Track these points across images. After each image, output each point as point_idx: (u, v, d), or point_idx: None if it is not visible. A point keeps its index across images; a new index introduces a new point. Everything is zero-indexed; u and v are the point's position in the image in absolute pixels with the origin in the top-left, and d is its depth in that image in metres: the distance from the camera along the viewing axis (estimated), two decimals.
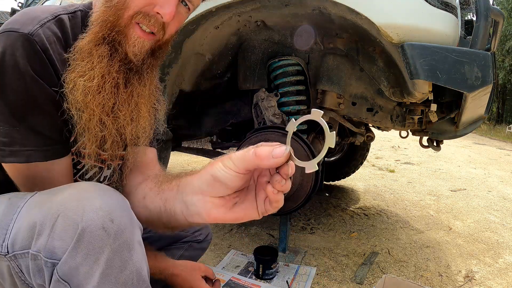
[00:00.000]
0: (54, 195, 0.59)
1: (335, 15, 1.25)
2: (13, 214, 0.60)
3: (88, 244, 0.54)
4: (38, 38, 0.60)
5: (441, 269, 1.62)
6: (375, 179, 3.46)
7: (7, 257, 0.58)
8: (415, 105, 1.51)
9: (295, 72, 1.54)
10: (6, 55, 0.59)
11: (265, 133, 1.35)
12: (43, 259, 0.55)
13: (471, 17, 1.56)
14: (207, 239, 1.23)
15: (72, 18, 0.68)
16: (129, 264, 0.57)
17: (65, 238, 0.54)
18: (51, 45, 0.62)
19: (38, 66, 0.60)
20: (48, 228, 0.55)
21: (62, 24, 0.65)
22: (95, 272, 0.54)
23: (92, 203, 0.56)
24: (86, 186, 0.61)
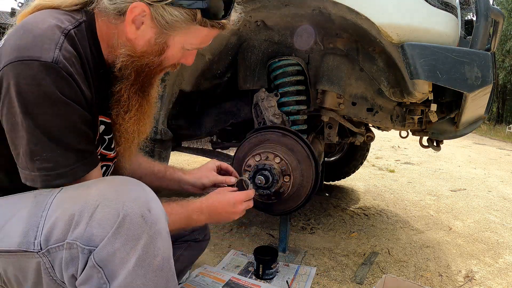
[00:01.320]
0: (88, 188, 0.64)
1: (335, 15, 1.25)
2: (42, 212, 0.62)
3: (128, 230, 0.59)
4: (62, 64, 0.62)
5: (441, 269, 1.62)
6: (375, 179, 3.46)
7: (39, 253, 0.61)
8: (415, 105, 1.51)
9: (295, 72, 1.54)
10: (33, 86, 0.60)
11: (265, 133, 1.35)
12: (80, 246, 0.58)
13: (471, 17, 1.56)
14: (206, 239, 1.23)
15: (78, 32, 0.69)
16: (161, 252, 0.62)
17: (104, 226, 0.58)
18: (73, 67, 0.64)
19: (67, 90, 0.63)
20: (86, 218, 0.59)
21: (74, 42, 0.67)
22: (132, 258, 0.58)
23: (131, 194, 0.62)
24: (120, 180, 0.66)
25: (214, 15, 0.72)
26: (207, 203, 0.92)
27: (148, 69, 0.77)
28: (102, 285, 0.59)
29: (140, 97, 0.80)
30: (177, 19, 0.69)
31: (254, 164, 1.29)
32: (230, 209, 0.94)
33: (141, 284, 0.59)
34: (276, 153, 1.29)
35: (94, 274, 0.58)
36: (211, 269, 1.44)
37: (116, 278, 0.58)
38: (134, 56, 0.74)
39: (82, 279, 0.60)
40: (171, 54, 0.77)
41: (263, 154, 1.30)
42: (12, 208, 0.67)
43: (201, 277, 1.36)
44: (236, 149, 1.41)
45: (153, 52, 0.74)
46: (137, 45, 0.73)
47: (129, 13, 0.68)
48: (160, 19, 0.69)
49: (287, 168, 1.28)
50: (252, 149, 1.35)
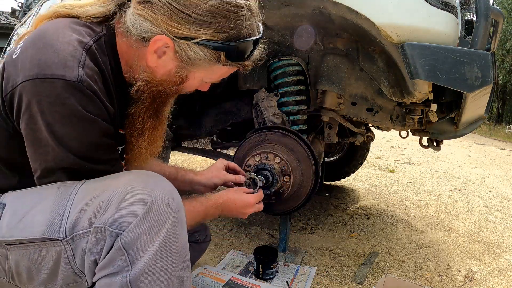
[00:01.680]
0: (115, 179, 0.67)
1: (335, 15, 1.25)
2: (66, 201, 0.65)
3: (155, 215, 0.62)
4: (86, 83, 0.63)
5: (441, 269, 1.62)
6: (375, 179, 3.46)
7: (63, 241, 0.63)
8: (415, 105, 1.51)
9: (295, 72, 1.54)
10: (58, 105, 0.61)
11: (265, 133, 1.35)
12: (108, 229, 0.61)
13: (471, 17, 1.56)
14: (206, 240, 1.24)
15: (98, 46, 0.70)
16: (180, 238, 0.67)
17: (133, 211, 0.61)
18: (96, 84, 0.66)
19: (91, 107, 0.65)
20: (116, 204, 0.62)
21: (95, 58, 0.68)
22: (156, 241, 0.62)
23: (157, 184, 0.66)
24: (145, 172, 0.70)
25: (238, 57, 0.72)
26: (223, 200, 0.99)
27: (165, 96, 0.79)
28: (124, 268, 0.61)
29: (154, 120, 0.82)
30: (200, 58, 0.70)
31: (254, 164, 1.29)
32: (242, 210, 1.03)
33: (161, 267, 0.62)
34: (276, 153, 1.29)
35: (117, 257, 0.60)
36: (211, 269, 1.44)
37: (139, 261, 0.61)
38: (152, 83, 0.75)
39: (105, 262, 0.61)
40: (189, 85, 0.79)
41: (263, 154, 1.30)
42: (32, 200, 0.68)
43: (201, 277, 1.36)
44: (236, 149, 1.41)
45: (172, 82, 0.76)
46: (157, 73, 0.74)
47: (152, 44, 0.69)
48: (183, 54, 0.70)
49: (287, 168, 1.28)
50: (252, 149, 1.35)
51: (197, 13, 0.65)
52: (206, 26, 0.67)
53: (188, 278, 0.69)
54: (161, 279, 0.62)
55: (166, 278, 0.63)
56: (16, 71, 0.64)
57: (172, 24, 0.66)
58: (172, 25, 0.66)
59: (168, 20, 0.66)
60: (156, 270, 0.62)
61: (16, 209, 0.68)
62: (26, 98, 0.62)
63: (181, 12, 0.66)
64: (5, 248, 0.68)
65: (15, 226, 0.66)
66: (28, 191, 0.72)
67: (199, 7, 0.65)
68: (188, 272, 0.70)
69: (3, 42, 4.40)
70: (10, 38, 4.00)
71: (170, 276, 0.64)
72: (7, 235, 0.66)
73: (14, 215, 0.68)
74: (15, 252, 0.67)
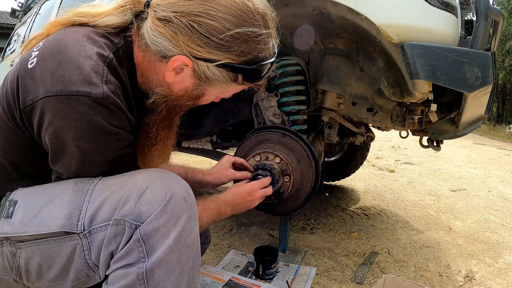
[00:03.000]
0: (134, 175, 0.69)
1: (335, 15, 1.25)
2: (84, 196, 0.67)
3: (173, 209, 0.65)
4: (111, 99, 0.65)
5: (441, 269, 1.62)
6: (375, 179, 3.46)
7: (81, 235, 0.64)
8: (415, 105, 1.51)
9: (295, 72, 1.54)
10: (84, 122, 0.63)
11: (265, 133, 1.35)
12: (128, 221, 0.63)
13: (471, 17, 1.56)
14: (207, 241, 1.24)
15: (116, 58, 0.70)
16: (194, 231, 0.70)
17: (152, 204, 0.64)
18: (119, 98, 0.67)
19: (116, 121, 0.67)
20: (135, 197, 0.64)
21: (116, 71, 0.69)
22: (172, 234, 0.64)
23: (174, 180, 0.69)
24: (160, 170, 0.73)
25: (255, 79, 0.75)
26: (229, 197, 1.02)
27: (180, 109, 0.82)
28: (140, 259, 0.62)
29: (168, 130, 0.85)
30: (218, 79, 0.72)
31: (254, 164, 1.29)
32: (248, 198, 1.05)
33: (175, 259, 0.65)
34: (276, 153, 1.29)
35: (135, 248, 0.62)
36: (211, 269, 1.44)
37: (155, 252, 0.62)
38: (169, 98, 0.77)
39: (121, 254, 0.63)
40: (205, 100, 0.82)
41: (263, 154, 1.30)
42: (47, 196, 0.69)
43: (201, 277, 1.36)
44: (236, 149, 1.41)
45: (189, 97, 0.78)
46: (174, 89, 0.76)
47: (172, 63, 0.70)
48: (201, 74, 0.71)
49: (287, 168, 1.28)
50: (252, 149, 1.35)
51: (220, 38, 0.66)
52: (227, 50, 0.68)
53: (198, 271, 0.72)
54: (175, 270, 0.65)
55: (179, 269, 0.65)
56: (35, 84, 0.63)
57: (193, 47, 0.67)
58: (193, 47, 0.67)
59: (189, 42, 0.67)
60: (171, 261, 0.64)
61: (30, 205, 0.69)
62: (50, 114, 0.62)
63: (203, 36, 0.66)
64: (15, 246, 0.68)
65: (30, 221, 0.67)
66: (40, 188, 0.72)
67: (223, 33, 0.66)
68: (198, 266, 0.72)
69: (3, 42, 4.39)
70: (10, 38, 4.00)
71: (183, 267, 0.66)
72: (20, 230, 0.66)
73: (28, 211, 0.68)
74: (26, 249, 0.67)
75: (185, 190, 0.69)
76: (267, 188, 1.12)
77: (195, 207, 0.71)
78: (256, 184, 1.09)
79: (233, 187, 1.07)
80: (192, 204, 0.70)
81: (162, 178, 0.68)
